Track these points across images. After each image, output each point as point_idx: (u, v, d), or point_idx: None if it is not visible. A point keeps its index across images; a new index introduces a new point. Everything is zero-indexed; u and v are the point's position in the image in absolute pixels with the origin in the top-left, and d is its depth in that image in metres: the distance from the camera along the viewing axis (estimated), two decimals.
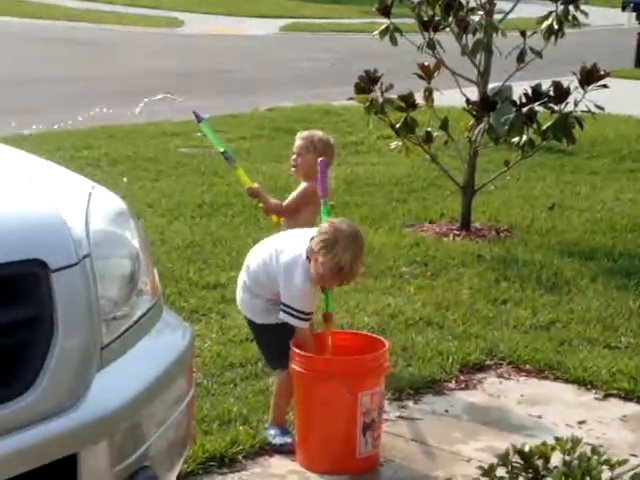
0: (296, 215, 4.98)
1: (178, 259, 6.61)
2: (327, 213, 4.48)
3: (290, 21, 26.98)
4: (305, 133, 5.06)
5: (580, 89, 6.83)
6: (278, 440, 4.27)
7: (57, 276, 2.65)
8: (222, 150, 5.08)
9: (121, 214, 3.09)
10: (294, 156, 5.03)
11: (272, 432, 4.31)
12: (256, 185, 5.02)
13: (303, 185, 5.02)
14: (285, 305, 4.14)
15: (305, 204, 5.00)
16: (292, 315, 4.13)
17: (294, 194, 5.02)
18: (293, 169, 5.09)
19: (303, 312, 4.12)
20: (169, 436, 2.96)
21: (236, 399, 4.62)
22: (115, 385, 2.75)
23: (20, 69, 16.53)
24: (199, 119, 5.10)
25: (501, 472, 3.31)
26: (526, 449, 3.30)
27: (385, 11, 7.38)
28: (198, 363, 4.89)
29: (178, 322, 3.32)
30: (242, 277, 4.37)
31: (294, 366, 4.15)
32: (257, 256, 4.30)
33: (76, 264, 2.72)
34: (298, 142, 5.04)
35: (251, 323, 4.40)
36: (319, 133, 5.08)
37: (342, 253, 3.97)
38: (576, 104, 6.83)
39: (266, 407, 4.54)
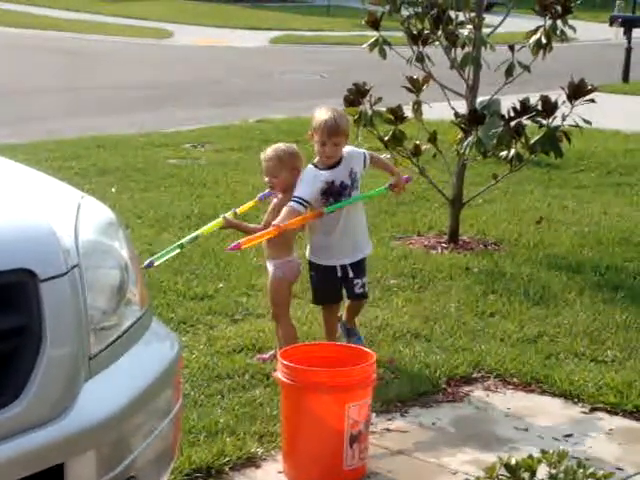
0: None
1: (166, 270, 6.59)
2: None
3: (280, 33, 27.03)
4: (269, 153, 5.13)
5: (568, 103, 6.86)
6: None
7: (46, 286, 2.65)
8: (181, 248, 5.18)
9: (110, 224, 3.09)
10: (268, 178, 5.14)
11: None
12: (224, 217, 5.18)
13: (274, 202, 5.14)
14: None
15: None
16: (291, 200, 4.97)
17: (269, 215, 5.10)
18: (271, 189, 5.19)
19: (296, 196, 4.97)
20: (156, 447, 2.95)
21: (223, 410, 4.62)
22: (103, 395, 2.75)
23: (7, 79, 16.51)
24: (151, 265, 5.09)
25: None
26: (512, 462, 3.31)
27: (375, 24, 7.41)
28: (185, 374, 4.88)
29: (166, 333, 3.32)
30: None
31: (281, 377, 4.16)
32: None
33: (65, 274, 2.72)
34: (266, 164, 5.12)
35: None
36: (281, 146, 5.18)
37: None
38: (564, 118, 6.86)
39: (253, 419, 4.54)
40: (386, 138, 7.23)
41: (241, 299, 6.14)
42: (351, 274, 5.17)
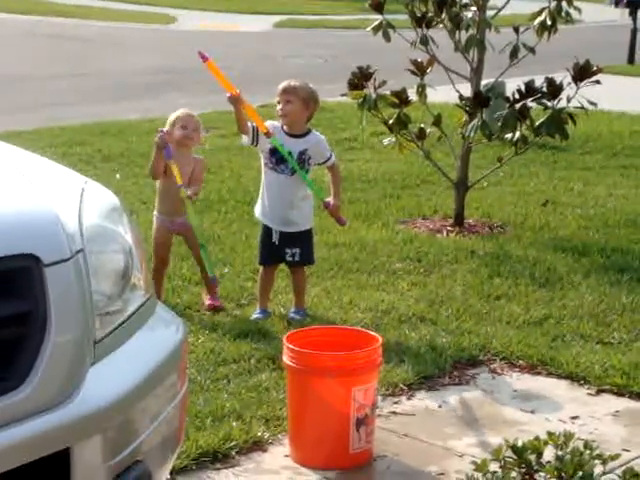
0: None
1: (171, 255, 6.59)
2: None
3: (284, 17, 26.93)
4: (188, 111, 6.09)
5: (573, 85, 6.84)
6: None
7: (50, 271, 2.65)
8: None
9: (114, 209, 3.09)
10: (197, 133, 5.98)
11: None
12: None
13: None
14: None
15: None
16: None
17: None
18: (188, 140, 5.96)
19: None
20: (162, 431, 2.96)
21: (229, 395, 4.63)
22: (108, 380, 2.75)
23: (11, 65, 16.48)
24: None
25: (494, 467, 3.32)
26: (519, 444, 3.31)
27: (378, 7, 7.38)
28: (191, 359, 4.89)
29: (171, 317, 3.32)
30: None
31: (287, 361, 4.16)
32: None
33: (69, 259, 2.72)
34: (191, 118, 6.00)
35: None
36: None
37: None
38: (569, 100, 6.83)
39: (259, 403, 4.55)
40: (390, 121, 7.21)
41: (246, 284, 6.14)
42: (278, 242, 5.55)
